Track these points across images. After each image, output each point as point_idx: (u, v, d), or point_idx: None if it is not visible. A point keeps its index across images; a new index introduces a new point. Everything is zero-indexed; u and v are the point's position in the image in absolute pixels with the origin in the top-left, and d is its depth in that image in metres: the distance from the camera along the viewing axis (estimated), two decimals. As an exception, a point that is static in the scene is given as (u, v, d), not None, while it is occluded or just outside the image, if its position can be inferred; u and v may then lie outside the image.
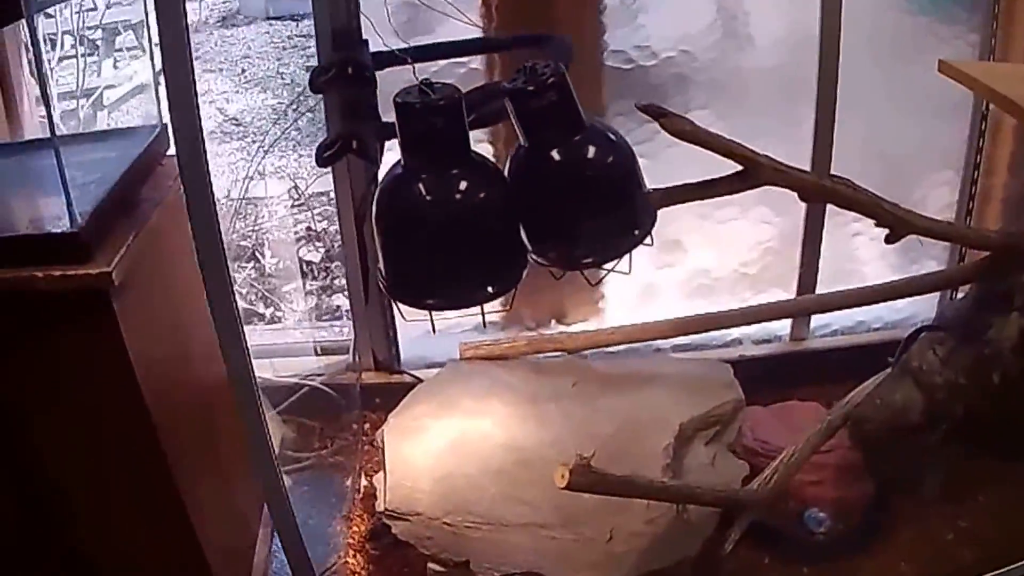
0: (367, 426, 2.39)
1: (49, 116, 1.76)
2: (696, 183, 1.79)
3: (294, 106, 3.95)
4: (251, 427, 1.49)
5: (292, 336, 2.86)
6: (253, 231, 3.86)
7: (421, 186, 1.49)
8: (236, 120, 5.28)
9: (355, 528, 2.10)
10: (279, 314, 3.30)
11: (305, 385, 2.46)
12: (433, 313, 1.55)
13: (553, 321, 2.53)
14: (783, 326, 2.55)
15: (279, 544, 2.17)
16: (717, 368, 2.30)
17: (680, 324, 2.29)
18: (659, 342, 2.47)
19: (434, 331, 1.59)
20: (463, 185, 1.50)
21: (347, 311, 2.93)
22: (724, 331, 2.54)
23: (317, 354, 2.65)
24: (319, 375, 2.50)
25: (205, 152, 1.29)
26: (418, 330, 2.45)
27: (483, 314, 1.60)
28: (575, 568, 1.77)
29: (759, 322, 2.43)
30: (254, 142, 4.91)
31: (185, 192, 1.30)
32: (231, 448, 2.05)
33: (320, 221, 3.87)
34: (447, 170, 1.50)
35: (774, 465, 2.00)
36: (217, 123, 5.26)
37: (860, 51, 2.25)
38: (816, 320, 2.52)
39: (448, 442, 1.95)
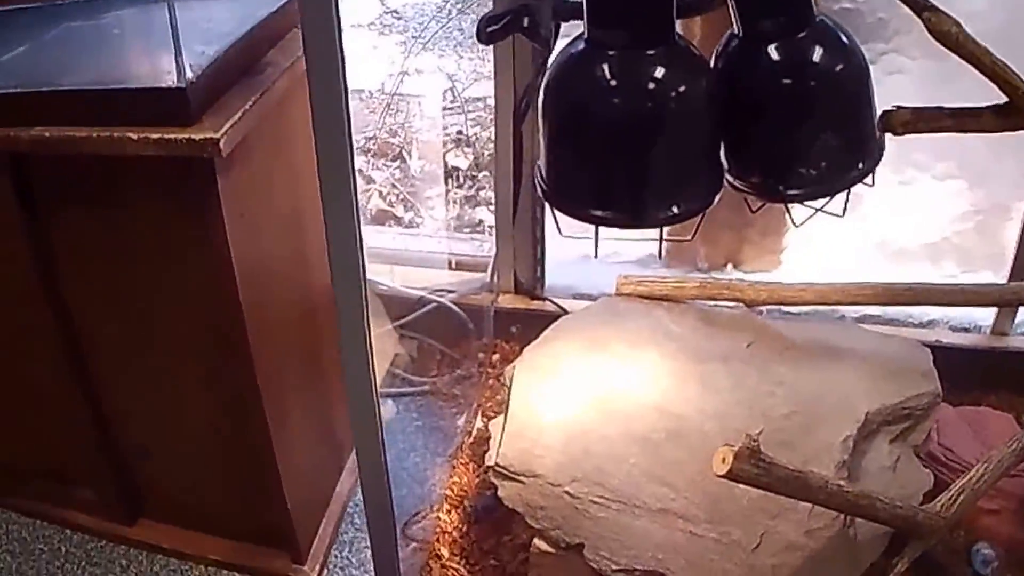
0: (495, 357, 2.08)
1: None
2: (951, 109, 1.39)
3: (457, 3, 3.63)
4: (350, 338, 1.21)
5: (426, 244, 2.58)
6: (402, 128, 3.60)
7: (607, 68, 1.15)
8: (396, 13, 5.01)
9: (456, 478, 1.82)
10: (418, 219, 3.03)
11: (432, 301, 2.18)
12: (599, 231, 1.21)
13: (729, 266, 2.18)
14: (987, 315, 2.17)
15: None
16: (914, 351, 1.89)
17: (886, 292, 1.87)
18: (844, 308, 2.08)
19: (596, 254, 1.26)
20: (661, 72, 1.15)
21: (489, 226, 2.62)
22: (923, 309, 2.19)
23: (451, 267, 2.36)
24: (450, 292, 2.21)
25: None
26: (568, 254, 2.15)
27: (661, 240, 1.26)
28: (709, 575, 1.44)
29: (979, 305, 2.02)
30: (414, 37, 4.64)
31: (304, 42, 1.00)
32: (335, 362, 1.82)
33: (472, 126, 3.57)
34: (643, 51, 1.15)
35: (961, 484, 1.62)
36: (377, 14, 5.00)
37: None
38: (1021, 313, 2.15)
39: (589, 392, 1.62)
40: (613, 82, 1.15)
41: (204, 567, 1.72)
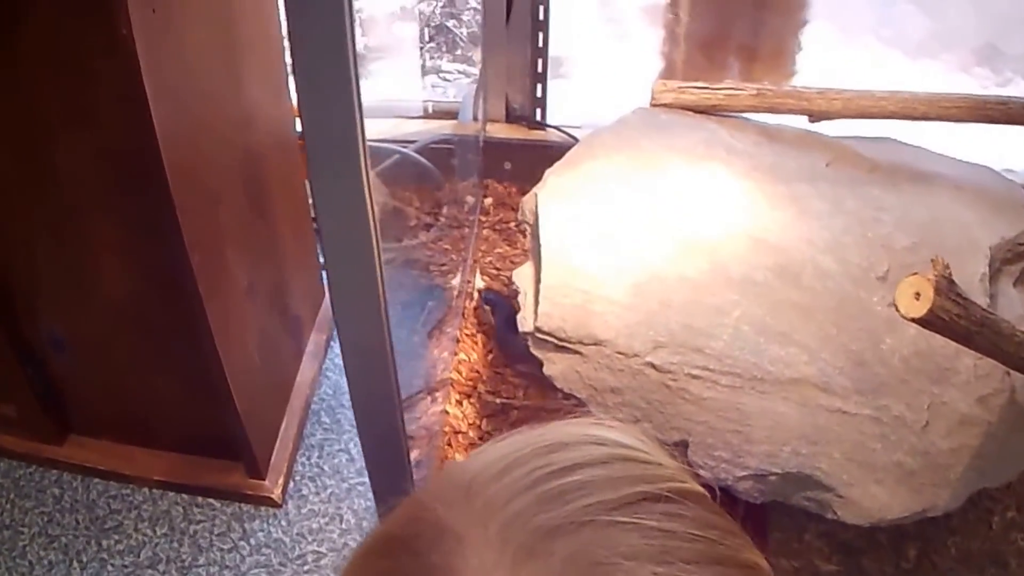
0: (488, 201, 1.46)
1: None
2: None
3: None
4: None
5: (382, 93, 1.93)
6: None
7: None
8: None
9: (463, 355, 1.21)
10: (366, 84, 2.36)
11: (395, 152, 1.55)
12: None
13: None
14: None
15: (334, 360, 1.36)
16: (1002, 180, 1.38)
17: (978, 106, 1.33)
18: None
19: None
20: None
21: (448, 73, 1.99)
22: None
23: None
24: (410, 142, 1.58)
25: None
26: (569, 79, 1.55)
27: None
28: (875, 474, 0.89)
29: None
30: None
31: None
32: (285, 228, 1.31)
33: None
34: None
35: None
36: None
37: None
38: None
39: (650, 221, 1.03)
40: None
41: (148, 490, 1.30)
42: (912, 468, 0.90)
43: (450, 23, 2.43)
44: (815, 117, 1.36)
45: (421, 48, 2.32)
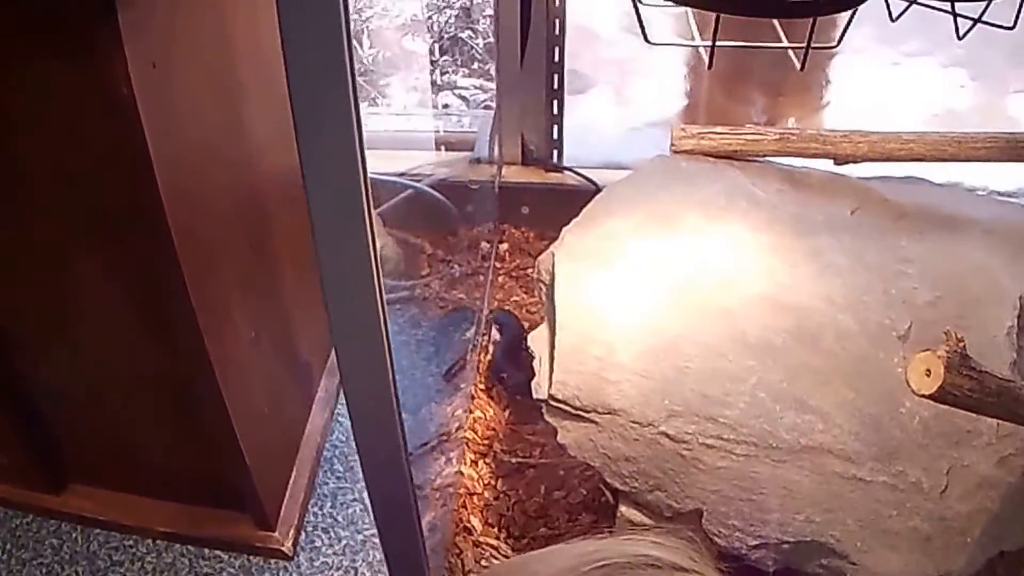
0: (504, 247, 1.48)
1: None
2: None
3: None
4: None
5: (392, 123, 1.95)
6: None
7: None
8: None
9: (477, 412, 1.23)
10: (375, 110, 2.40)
11: (409, 187, 1.56)
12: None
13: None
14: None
15: (344, 404, 1.37)
16: None
17: (1011, 146, 1.34)
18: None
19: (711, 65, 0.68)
20: None
21: (464, 102, 2.00)
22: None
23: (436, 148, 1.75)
24: (426, 176, 1.59)
25: None
26: (588, 119, 1.56)
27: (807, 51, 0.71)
28: (890, 540, 0.90)
29: None
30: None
31: None
32: (292, 273, 1.30)
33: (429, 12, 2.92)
34: None
35: None
36: None
37: None
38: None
39: (667, 284, 1.04)
40: None
41: (151, 541, 1.28)
42: (928, 533, 0.90)
43: (464, 34, 2.41)
44: (840, 160, 1.37)
45: (433, 64, 2.32)
